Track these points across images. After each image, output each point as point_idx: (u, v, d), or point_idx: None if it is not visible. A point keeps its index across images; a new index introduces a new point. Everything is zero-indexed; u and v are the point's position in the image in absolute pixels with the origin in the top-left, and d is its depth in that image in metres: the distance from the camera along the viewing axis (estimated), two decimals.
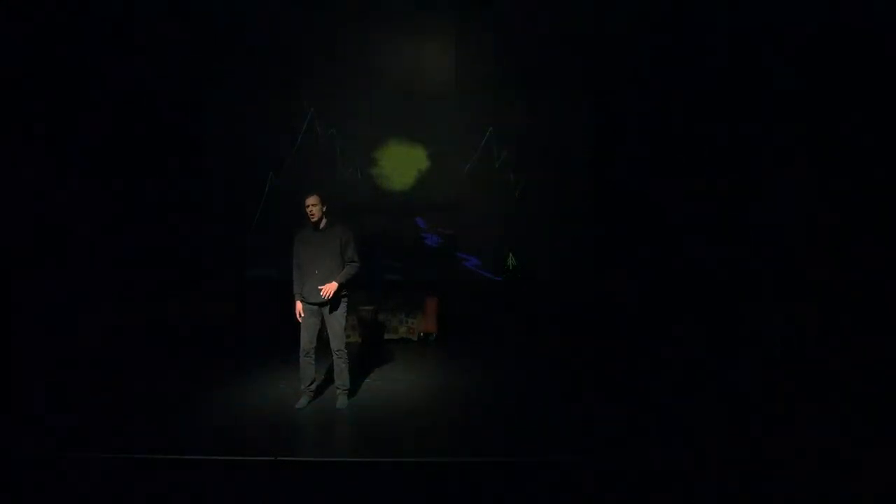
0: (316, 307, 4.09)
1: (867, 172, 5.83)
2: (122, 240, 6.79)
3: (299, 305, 4.12)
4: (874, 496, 2.87)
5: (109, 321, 6.46)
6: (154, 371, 5.21)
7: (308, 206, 4.00)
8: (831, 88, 6.02)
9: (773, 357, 5.32)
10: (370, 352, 5.87)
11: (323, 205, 4.02)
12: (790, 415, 3.84)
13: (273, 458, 3.17)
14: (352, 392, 4.37)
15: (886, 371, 4.62)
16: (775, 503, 2.89)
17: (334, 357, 4.17)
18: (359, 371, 4.97)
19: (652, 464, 3.17)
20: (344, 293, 4.13)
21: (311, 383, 4.20)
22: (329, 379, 4.48)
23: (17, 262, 5.94)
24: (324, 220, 4.07)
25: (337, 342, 4.13)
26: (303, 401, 4.16)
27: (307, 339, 4.11)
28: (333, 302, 4.07)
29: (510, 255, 7.46)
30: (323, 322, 4.16)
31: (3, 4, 5.79)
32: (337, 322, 4.12)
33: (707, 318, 6.30)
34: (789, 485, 2.97)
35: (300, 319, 4.13)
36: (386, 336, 6.43)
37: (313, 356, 4.14)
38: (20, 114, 6.04)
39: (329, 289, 3.93)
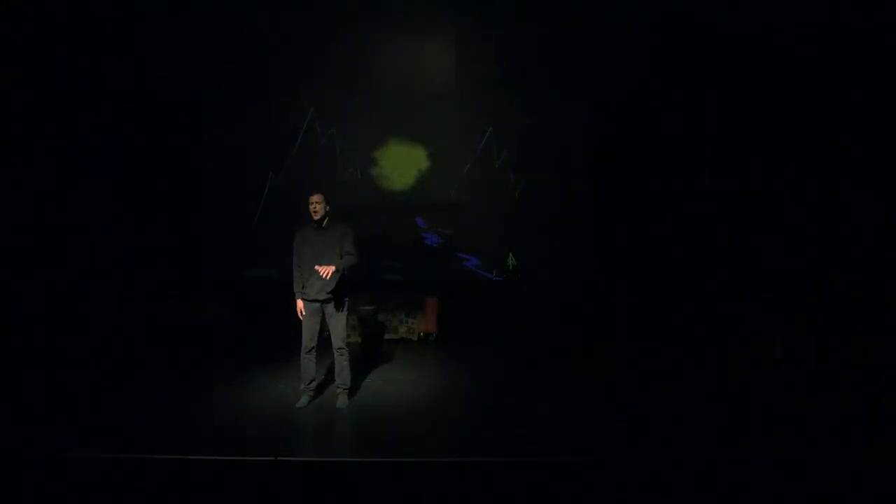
0: (317, 305, 4.10)
1: (867, 173, 5.83)
2: (122, 240, 6.80)
3: (300, 303, 4.14)
4: (874, 496, 2.87)
5: (109, 321, 6.46)
6: (154, 371, 5.21)
7: (312, 202, 4.03)
8: (831, 88, 6.03)
9: (773, 357, 5.32)
10: (370, 352, 5.87)
11: (326, 204, 4.06)
12: (789, 415, 3.84)
13: (273, 458, 3.17)
14: (352, 392, 4.37)
15: (886, 371, 4.63)
16: (775, 503, 2.89)
17: (335, 355, 4.18)
18: (359, 371, 4.96)
19: (651, 463, 3.17)
20: (344, 292, 4.14)
21: (312, 382, 4.20)
22: (329, 378, 4.48)
23: (17, 262, 5.94)
24: (326, 220, 4.09)
25: (338, 340, 4.14)
26: (303, 400, 4.16)
27: (308, 337, 4.12)
28: (334, 299, 4.07)
29: (510, 255, 7.45)
30: (323, 321, 4.17)
31: (3, 4, 5.79)
32: (338, 320, 4.13)
33: (707, 318, 6.31)
34: (789, 485, 2.97)
35: (301, 317, 4.15)
36: (386, 336, 6.42)
37: (314, 354, 4.16)
38: (20, 114, 6.04)
39: (327, 269, 3.90)
